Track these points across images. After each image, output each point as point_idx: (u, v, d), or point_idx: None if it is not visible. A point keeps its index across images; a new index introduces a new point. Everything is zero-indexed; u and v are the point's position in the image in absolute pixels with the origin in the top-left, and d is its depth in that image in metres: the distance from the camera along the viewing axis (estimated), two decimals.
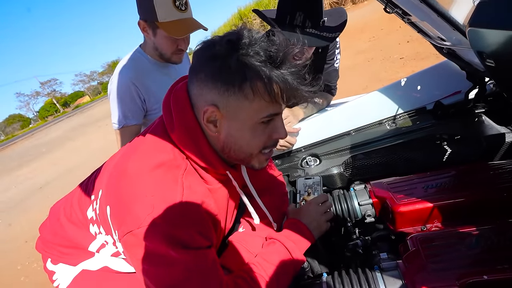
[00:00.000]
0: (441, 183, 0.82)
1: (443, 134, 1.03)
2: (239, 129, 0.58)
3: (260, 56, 0.52)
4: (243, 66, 0.52)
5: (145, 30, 1.12)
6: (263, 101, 0.55)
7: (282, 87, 0.54)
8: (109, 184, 0.61)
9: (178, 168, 0.59)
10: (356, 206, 0.91)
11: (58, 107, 72.55)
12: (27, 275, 3.12)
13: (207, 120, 0.57)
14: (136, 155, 0.60)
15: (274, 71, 0.53)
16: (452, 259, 0.62)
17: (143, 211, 0.52)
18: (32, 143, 18.07)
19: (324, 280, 0.68)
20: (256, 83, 0.53)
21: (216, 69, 0.54)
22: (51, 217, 0.82)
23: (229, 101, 0.55)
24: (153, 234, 0.51)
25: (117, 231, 0.55)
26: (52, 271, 0.79)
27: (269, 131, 0.61)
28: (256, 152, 0.62)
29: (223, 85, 0.54)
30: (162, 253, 0.52)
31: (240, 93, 0.54)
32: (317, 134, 1.19)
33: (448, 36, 0.80)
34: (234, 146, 0.60)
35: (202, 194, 0.62)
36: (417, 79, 1.12)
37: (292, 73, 0.54)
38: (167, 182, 0.56)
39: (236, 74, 0.53)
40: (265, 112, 0.57)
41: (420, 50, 4.26)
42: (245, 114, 0.56)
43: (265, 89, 0.54)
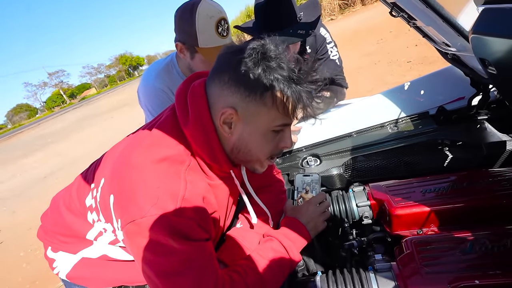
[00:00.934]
0: (439, 188, 0.83)
1: (444, 140, 1.03)
2: (251, 133, 0.62)
3: (284, 71, 0.56)
4: (267, 76, 0.56)
5: (182, 52, 1.12)
6: (279, 111, 0.59)
7: (296, 102, 0.59)
8: (113, 174, 0.62)
9: (182, 164, 0.61)
10: (354, 207, 0.91)
11: (65, 98, 73.20)
12: (29, 261, 3.18)
13: (223, 121, 0.60)
14: (142, 147, 0.62)
15: (293, 87, 0.57)
16: (446, 263, 0.62)
17: (148, 202, 0.54)
18: (38, 133, 18.28)
19: (318, 279, 0.70)
20: (276, 93, 0.57)
21: (241, 75, 0.57)
22: (52, 206, 0.85)
23: (248, 106, 0.59)
24: (155, 224, 0.53)
25: (120, 219, 0.57)
26: (53, 259, 0.81)
27: (278, 140, 0.65)
28: (263, 158, 0.66)
29: (246, 90, 0.57)
30: (163, 243, 0.54)
31: (260, 100, 0.58)
32: (318, 134, 1.20)
33: (453, 42, 0.80)
34: (244, 149, 0.64)
35: (204, 189, 0.64)
36: (421, 83, 1.12)
37: (307, 91, 0.58)
38: (171, 175, 0.58)
39: (260, 83, 0.56)
40: (279, 122, 0.61)
41: (428, 54, 4.23)
42: (260, 120, 0.60)
43: (282, 101, 0.58)
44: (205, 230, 0.60)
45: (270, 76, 0.56)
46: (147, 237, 0.54)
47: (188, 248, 0.55)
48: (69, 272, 0.80)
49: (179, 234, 0.55)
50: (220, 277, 0.59)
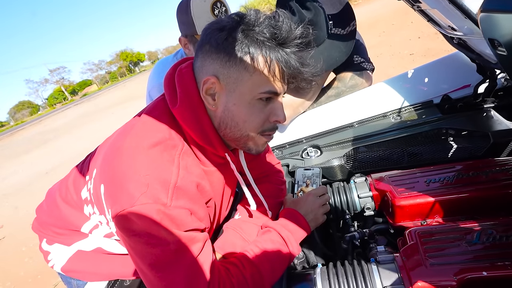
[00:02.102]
0: (444, 177, 0.80)
1: (449, 129, 1.00)
2: (236, 103, 0.57)
3: (265, 33, 0.54)
4: (247, 38, 0.53)
5: (186, 47, 1.11)
6: (263, 76, 0.56)
7: (283, 66, 0.55)
8: (103, 163, 0.60)
9: (175, 148, 0.58)
10: (356, 198, 0.89)
11: (66, 94, 73.30)
12: (31, 256, 3.20)
13: (205, 91, 0.58)
14: (132, 134, 0.59)
15: (276, 48, 0.54)
16: (451, 254, 0.60)
17: (137, 190, 0.51)
18: (40, 130, 18.34)
19: (318, 271, 0.67)
20: (257, 57, 0.54)
21: (221, 40, 0.55)
22: (47, 199, 0.83)
23: (229, 72, 0.56)
24: (146, 213, 0.51)
25: (110, 209, 0.54)
26: (47, 251, 0.80)
27: (268, 112, 0.60)
28: (253, 133, 0.61)
29: (225, 55, 0.55)
30: (154, 234, 0.51)
31: (241, 64, 0.55)
32: (319, 125, 1.17)
33: (460, 25, 0.77)
34: (231, 122, 0.59)
35: (198, 175, 0.61)
36: (425, 71, 1.08)
37: (294, 54, 0.55)
38: (163, 162, 0.55)
39: (239, 46, 0.54)
40: (264, 88, 0.57)
41: (431, 46, 4.17)
42: (243, 87, 0.56)
43: (265, 64, 0.55)
44: (199, 219, 0.57)
45: (250, 38, 0.53)
46: (137, 227, 0.51)
47: (181, 238, 0.53)
48: (64, 265, 0.79)
49: (171, 224, 0.52)
50: (216, 269, 0.57)
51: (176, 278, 0.52)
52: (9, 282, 2.89)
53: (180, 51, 1.26)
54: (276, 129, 0.64)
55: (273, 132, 0.64)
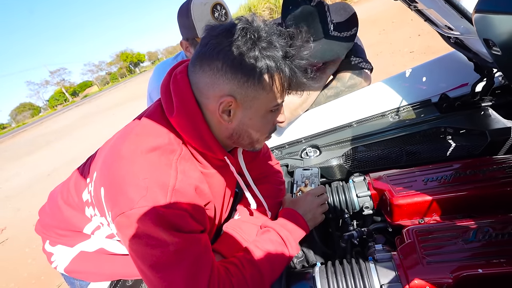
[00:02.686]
0: (441, 176, 0.81)
1: (447, 128, 1.00)
2: (252, 118, 0.61)
3: (277, 49, 0.55)
4: (263, 58, 0.54)
5: (187, 50, 1.11)
6: (276, 92, 0.59)
7: (291, 79, 0.58)
8: (103, 166, 0.61)
9: (173, 153, 0.59)
10: (354, 197, 0.90)
11: (67, 96, 73.45)
12: (34, 257, 3.22)
13: (222, 110, 0.58)
14: (131, 138, 0.60)
15: (288, 64, 0.57)
16: (448, 252, 0.61)
17: (137, 193, 0.52)
18: (41, 131, 18.40)
19: (317, 270, 0.68)
20: (274, 75, 0.56)
21: (236, 60, 0.54)
22: (50, 201, 0.84)
23: (247, 92, 0.57)
24: (145, 216, 0.52)
25: (111, 212, 0.55)
26: (51, 253, 0.81)
27: (274, 119, 0.65)
28: (263, 138, 0.67)
29: (243, 76, 0.55)
30: (154, 235, 0.52)
31: (259, 84, 0.56)
32: (318, 125, 1.18)
33: (456, 25, 0.77)
34: (245, 133, 0.63)
35: (196, 179, 0.62)
36: (423, 70, 1.09)
37: (300, 67, 0.58)
38: (161, 165, 0.56)
39: (256, 66, 0.54)
40: (277, 101, 0.60)
41: (431, 44, 4.15)
42: (260, 103, 0.59)
43: (280, 81, 0.58)
44: (198, 221, 0.58)
45: (265, 58, 0.54)
46: (137, 229, 0.52)
47: (180, 240, 0.54)
48: (67, 265, 0.80)
49: (170, 226, 0.53)
50: (215, 269, 0.58)
51: (176, 279, 0.53)
52: (12, 283, 2.91)
53: (181, 54, 1.27)
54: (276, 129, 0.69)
55: (274, 131, 0.69)
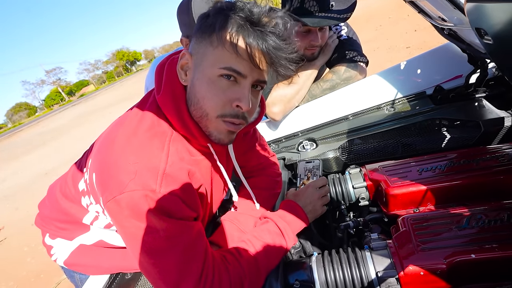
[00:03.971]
0: (436, 166, 0.82)
1: (442, 119, 1.02)
2: (199, 79, 0.57)
3: (239, 14, 0.54)
4: (217, 16, 0.55)
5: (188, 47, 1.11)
6: (226, 52, 0.54)
7: (251, 45, 0.53)
8: (97, 153, 0.60)
9: (164, 134, 0.59)
10: (350, 189, 0.91)
11: (64, 95, 72.92)
12: (33, 256, 3.22)
13: (181, 66, 0.60)
14: (123, 124, 0.60)
15: (247, 28, 0.53)
16: (442, 239, 0.62)
17: (126, 177, 0.51)
18: (38, 131, 18.29)
19: (314, 259, 0.69)
20: (223, 32, 0.54)
21: (201, 22, 0.57)
22: (49, 194, 0.84)
23: (199, 47, 0.57)
24: (135, 200, 0.51)
25: (102, 197, 0.55)
26: (50, 246, 0.81)
27: (230, 94, 0.56)
28: (212, 114, 0.58)
29: (199, 33, 0.57)
30: (145, 221, 0.52)
31: (208, 39, 0.56)
32: (314, 118, 1.18)
33: (449, 16, 0.78)
34: (194, 99, 0.59)
35: (188, 162, 0.61)
36: (417, 62, 1.10)
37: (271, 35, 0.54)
38: (152, 149, 0.56)
39: (211, 24, 0.55)
40: (225, 63, 0.54)
41: (427, 39, 4.18)
42: (207, 61, 0.56)
43: (229, 40, 0.53)
44: (190, 207, 0.57)
45: (222, 17, 0.54)
46: (128, 215, 0.52)
47: (171, 225, 0.53)
48: (67, 258, 0.80)
49: (161, 211, 0.52)
50: (209, 256, 0.57)
51: (169, 265, 0.53)
52: (12, 281, 2.92)
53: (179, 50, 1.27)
54: (239, 117, 0.59)
55: (234, 119, 0.59)
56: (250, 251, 0.64)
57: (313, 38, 1.11)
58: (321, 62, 1.20)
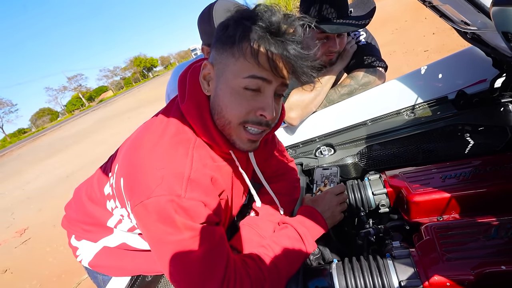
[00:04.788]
0: (460, 173, 0.79)
1: (465, 125, 0.98)
2: (222, 89, 0.59)
3: (259, 24, 0.54)
4: (238, 27, 0.55)
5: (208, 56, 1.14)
6: (247, 62, 0.55)
7: (272, 54, 0.54)
8: (124, 158, 0.63)
9: (189, 141, 0.61)
10: (370, 195, 0.89)
11: (84, 101, 75.70)
12: (55, 256, 3.34)
13: (203, 77, 0.61)
14: (149, 131, 0.62)
15: (267, 37, 0.54)
16: (469, 249, 0.60)
17: (153, 182, 0.53)
18: (60, 135, 19.04)
19: (334, 266, 0.68)
20: (245, 43, 0.55)
21: (221, 32, 0.58)
22: (75, 197, 0.88)
23: (221, 58, 0.58)
24: (161, 205, 0.53)
25: (129, 201, 0.57)
26: (76, 247, 0.85)
27: (254, 103, 0.58)
28: (235, 122, 0.59)
29: (220, 43, 0.58)
30: (169, 224, 0.54)
31: (230, 50, 0.57)
32: (332, 124, 1.18)
33: (473, 20, 0.76)
34: (217, 108, 0.60)
35: (211, 168, 0.63)
36: (439, 67, 1.07)
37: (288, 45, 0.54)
38: (178, 155, 0.58)
39: (232, 34, 0.56)
40: (247, 72, 0.55)
41: (446, 42, 4.06)
42: (229, 72, 0.58)
43: (251, 50, 0.54)
44: (213, 211, 0.59)
45: (243, 27, 0.55)
46: (154, 219, 0.54)
47: (195, 229, 0.55)
48: (91, 260, 0.83)
49: (186, 215, 0.54)
50: (231, 260, 0.58)
51: (192, 268, 0.54)
52: (35, 280, 3.03)
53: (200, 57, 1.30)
54: (262, 124, 0.61)
55: (256, 126, 0.60)
56: (270, 256, 0.64)
57: (331, 45, 1.12)
58: (339, 67, 1.20)
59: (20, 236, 4.44)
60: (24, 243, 4.12)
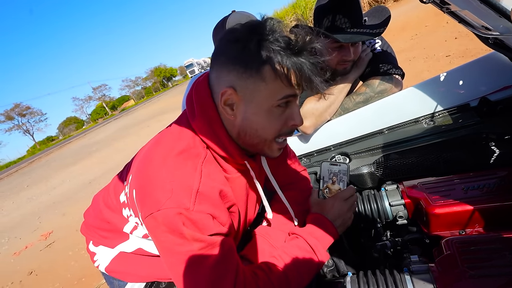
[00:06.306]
0: (484, 184, 0.75)
1: (489, 133, 0.94)
2: (255, 113, 0.59)
3: (279, 42, 0.55)
4: (262, 49, 0.55)
5: None
6: (279, 83, 0.57)
7: (298, 73, 0.56)
8: (136, 170, 0.65)
9: (198, 156, 0.62)
10: (387, 206, 0.86)
11: (107, 110, 79.03)
12: (76, 260, 3.46)
13: (224, 102, 0.59)
14: (160, 144, 0.64)
15: (292, 57, 0.55)
16: (494, 266, 0.56)
17: (163, 195, 0.55)
18: (84, 143, 19.90)
19: (348, 279, 0.66)
20: (273, 66, 0.55)
21: (236, 52, 0.56)
22: (93, 204, 0.91)
23: (246, 83, 0.57)
24: (171, 217, 0.54)
25: (140, 213, 0.59)
26: (94, 253, 0.87)
27: (285, 117, 0.62)
28: (271, 138, 0.63)
29: (241, 67, 0.56)
30: (179, 236, 0.55)
31: (257, 75, 0.56)
32: (347, 132, 1.16)
33: (494, 25, 0.73)
34: (250, 131, 0.61)
35: (220, 182, 0.63)
36: (460, 73, 1.03)
37: (308, 62, 0.56)
38: (187, 169, 0.59)
39: (255, 57, 0.55)
40: (281, 94, 0.58)
41: (470, 47, 3.91)
42: (261, 96, 0.58)
43: (281, 73, 0.56)
44: (222, 224, 0.59)
45: (265, 48, 0.54)
46: (164, 230, 0.55)
47: (204, 241, 0.55)
48: (108, 265, 0.85)
49: (194, 227, 0.55)
50: (241, 272, 0.58)
51: (201, 279, 0.55)
52: (57, 283, 3.14)
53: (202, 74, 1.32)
54: (292, 132, 0.65)
55: (289, 135, 0.65)
56: (280, 267, 0.64)
57: (345, 53, 1.11)
58: (354, 76, 1.18)
59: (45, 239, 4.65)
60: (49, 246, 4.30)
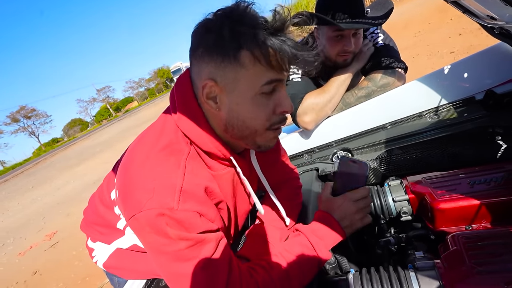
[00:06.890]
0: (491, 178, 0.73)
1: (496, 127, 0.91)
2: (239, 103, 0.56)
3: (254, 24, 0.52)
4: (236, 34, 0.51)
5: None
6: (259, 68, 0.53)
7: (280, 53, 0.52)
8: (120, 169, 0.62)
9: (181, 152, 0.58)
10: (391, 202, 0.85)
11: (111, 111, 79.55)
12: (80, 259, 3.47)
13: (206, 96, 0.56)
14: (143, 140, 0.62)
15: (269, 37, 0.52)
16: (502, 262, 0.54)
17: (144, 196, 0.52)
18: (89, 144, 20.05)
19: (351, 277, 0.65)
20: (250, 49, 0.52)
21: (211, 42, 0.53)
22: (91, 201, 0.91)
23: (226, 73, 0.54)
24: (153, 218, 0.51)
25: (123, 214, 0.57)
26: (92, 248, 0.87)
27: (273, 103, 0.58)
28: (262, 128, 0.59)
29: (219, 56, 0.53)
30: (165, 237, 0.52)
31: (236, 62, 0.53)
32: (349, 127, 1.14)
33: (500, 14, 0.71)
34: (237, 122, 0.58)
35: (205, 178, 0.60)
36: (463, 66, 1.01)
37: (289, 40, 0.53)
38: (169, 166, 0.56)
39: (230, 43, 0.52)
40: (263, 79, 0.55)
41: (474, 43, 3.86)
42: (243, 84, 0.55)
43: (260, 54, 0.52)
44: (210, 220, 0.57)
45: (239, 33, 0.51)
46: (148, 231, 0.52)
47: (192, 240, 0.53)
48: (106, 261, 0.85)
49: (180, 227, 0.52)
50: (235, 268, 0.56)
51: (192, 278, 0.53)
52: (61, 283, 3.15)
53: None
54: (284, 120, 0.61)
55: (281, 123, 0.61)
56: (282, 264, 0.62)
57: (345, 43, 1.08)
58: (355, 68, 1.16)
59: (49, 239, 4.68)
60: (53, 246, 4.33)
